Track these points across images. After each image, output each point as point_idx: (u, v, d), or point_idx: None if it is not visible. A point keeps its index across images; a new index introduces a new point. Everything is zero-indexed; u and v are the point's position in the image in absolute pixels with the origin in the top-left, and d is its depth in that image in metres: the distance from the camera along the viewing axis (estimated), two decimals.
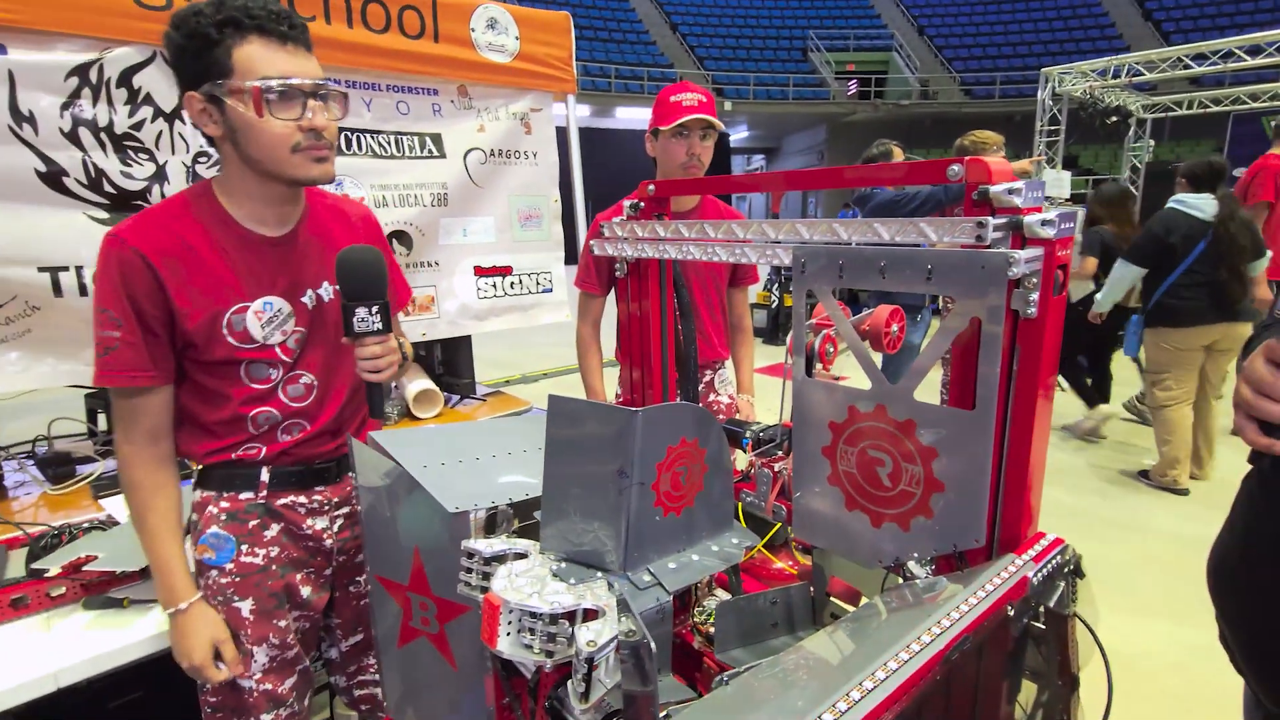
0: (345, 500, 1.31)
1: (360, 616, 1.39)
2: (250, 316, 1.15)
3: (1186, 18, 18.07)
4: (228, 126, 1.08)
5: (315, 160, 1.11)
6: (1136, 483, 4.00)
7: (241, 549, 1.21)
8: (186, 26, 1.03)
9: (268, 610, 1.22)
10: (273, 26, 1.05)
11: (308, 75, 1.08)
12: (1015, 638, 0.76)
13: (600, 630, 0.69)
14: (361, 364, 1.15)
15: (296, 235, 1.22)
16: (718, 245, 0.94)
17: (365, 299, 1.12)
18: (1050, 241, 0.67)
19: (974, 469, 0.72)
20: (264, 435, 1.22)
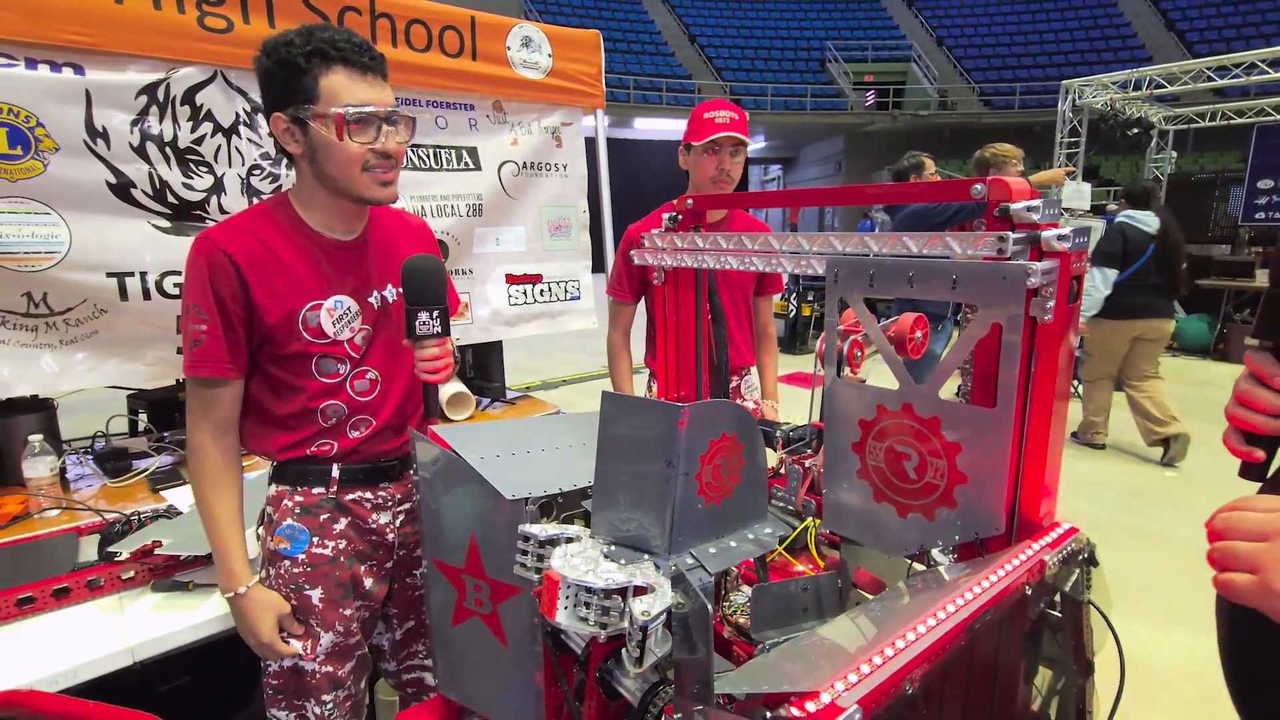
0: (407, 497, 1.39)
1: (414, 605, 1.46)
2: (324, 314, 1.24)
3: (1211, 28, 17.91)
4: (308, 146, 1.18)
5: (381, 184, 1.21)
6: (1156, 494, 4.00)
7: (314, 540, 1.29)
8: (278, 55, 1.13)
9: (335, 599, 1.30)
10: (356, 58, 1.15)
11: (384, 103, 1.17)
12: (1033, 620, 0.82)
13: (653, 602, 0.76)
14: (420, 365, 1.23)
15: (364, 241, 1.32)
16: (754, 256, 1.02)
17: (427, 304, 1.20)
18: (1065, 254, 0.74)
19: (995, 462, 0.79)
20: (334, 429, 1.29)
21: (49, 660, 1.22)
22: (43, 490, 1.77)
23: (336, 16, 2.06)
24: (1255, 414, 0.70)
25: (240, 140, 1.99)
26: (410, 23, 2.23)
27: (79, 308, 1.81)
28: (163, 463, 2.01)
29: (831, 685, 0.54)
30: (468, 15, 2.36)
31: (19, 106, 1.66)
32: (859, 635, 0.70)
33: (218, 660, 1.45)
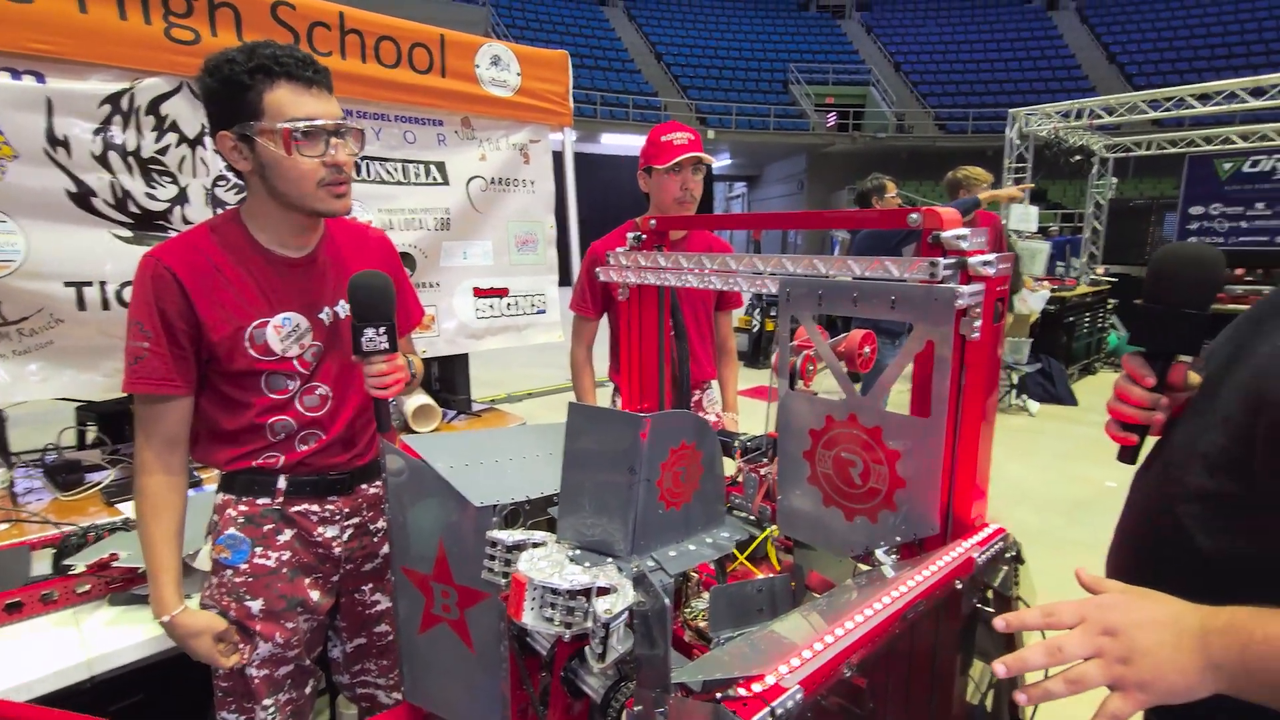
0: (356, 511, 1.39)
1: (363, 623, 1.46)
2: (270, 330, 1.25)
3: (1149, 62, 18.98)
4: (257, 162, 1.18)
5: (335, 196, 1.23)
6: (1099, 505, 4.20)
7: (256, 551, 1.29)
8: (221, 73, 1.13)
9: (275, 611, 1.30)
10: (299, 73, 1.16)
11: (330, 116, 1.19)
12: (966, 615, 0.89)
13: (615, 601, 0.81)
14: (369, 381, 1.24)
15: (316, 257, 1.32)
16: (713, 275, 1.08)
17: (373, 320, 1.21)
18: (990, 278, 0.82)
19: (930, 468, 0.86)
20: (282, 444, 1.30)
21: (1, 675, 1.20)
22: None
23: (305, 31, 2.08)
24: (1129, 406, 0.82)
25: (205, 151, 1.99)
26: (380, 39, 2.26)
27: (34, 317, 1.78)
28: (117, 476, 1.97)
29: (775, 669, 0.59)
30: (437, 33, 2.40)
31: None
32: (803, 628, 0.75)
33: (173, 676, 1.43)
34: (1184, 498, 0.77)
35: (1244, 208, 7.20)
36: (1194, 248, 0.80)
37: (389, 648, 1.48)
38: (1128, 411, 0.84)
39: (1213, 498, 0.75)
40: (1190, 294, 0.78)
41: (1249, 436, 0.72)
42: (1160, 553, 0.81)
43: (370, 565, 1.43)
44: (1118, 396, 0.85)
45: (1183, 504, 0.77)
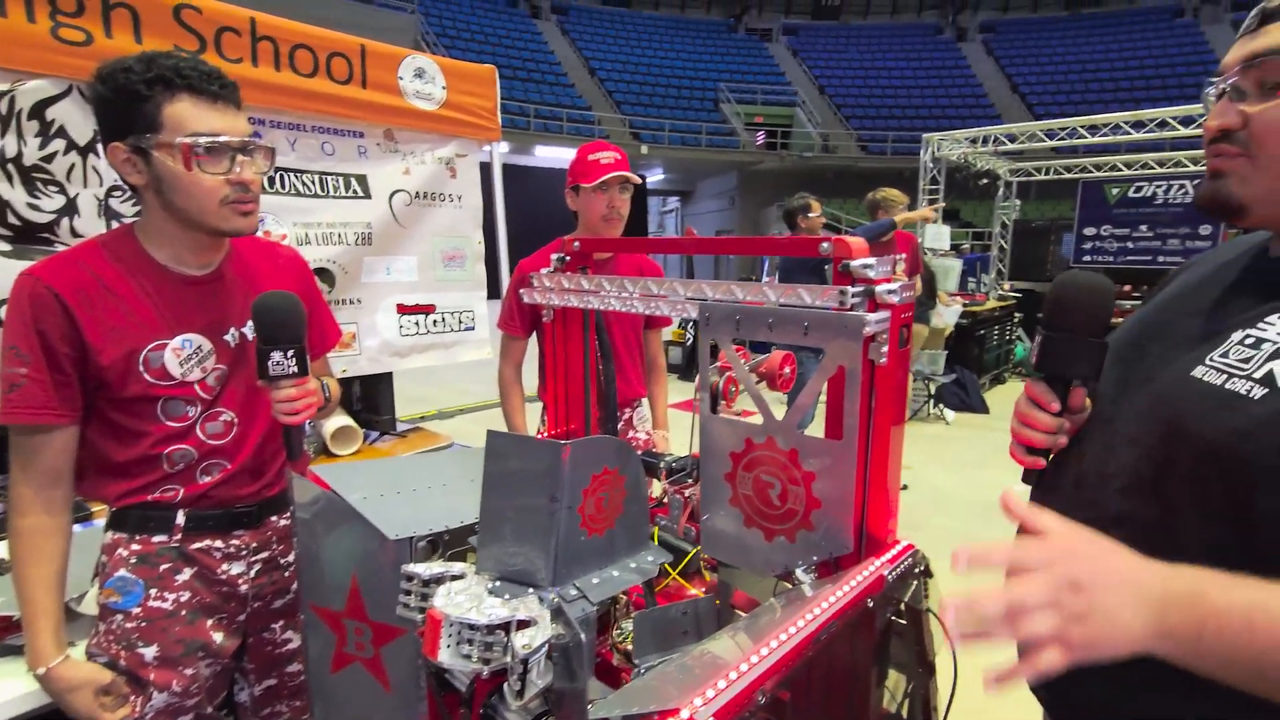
0: (264, 545, 1.32)
1: (273, 663, 1.38)
2: (169, 353, 1.17)
3: (1047, 93, 20.53)
4: (153, 177, 1.11)
5: (241, 214, 1.17)
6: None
7: (150, 593, 1.20)
8: (114, 82, 1.06)
9: (172, 658, 1.20)
10: (203, 86, 1.09)
11: (236, 133, 1.13)
12: (881, 630, 0.92)
13: (534, 635, 0.79)
14: (277, 407, 1.17)
15: (220, 274, 1.25)
16: (636, 299, 1.09)
17: (280, 343, 1.14)
18: (895, 306, 0.85)
19: (843, 488, 0.88)
20: (180, 475, 1.22)
21: None
22: None
23: (213, 37, 1.98)
24: (1035, 431, 0.85)
25: (99, 159, 1.85)
26: (295, 47, 2.17)
27: None
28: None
29: (690, 702, 0.59)
30: (358, 43, 2.33)
31: None
32: (723, 653, 0.76)
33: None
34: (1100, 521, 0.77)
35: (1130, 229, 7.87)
36: (1089, 277, 0.83)
37: (301, 688, 1.39)
38: (1034, 437, 0.85)
39: (1131, 521, 0.77)
40: (1088, 321, 0.81)
41: (1162, 461, 0.75)
42: None
43: (280, 602, 1.35)
44: (1021, 421, 0.87)
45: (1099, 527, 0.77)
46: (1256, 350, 0.71)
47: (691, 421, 1.29)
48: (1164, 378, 0.79)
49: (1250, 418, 0.67)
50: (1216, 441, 0.69)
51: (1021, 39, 23.20)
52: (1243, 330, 0.74)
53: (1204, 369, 0.75)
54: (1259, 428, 0.67)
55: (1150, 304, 0.95)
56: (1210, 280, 0.86)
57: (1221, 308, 0.81)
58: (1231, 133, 0.75)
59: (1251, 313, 0.76)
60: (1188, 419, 0.73)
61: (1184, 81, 19.07)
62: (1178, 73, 19.71)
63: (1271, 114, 0.72)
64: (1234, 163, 0.75)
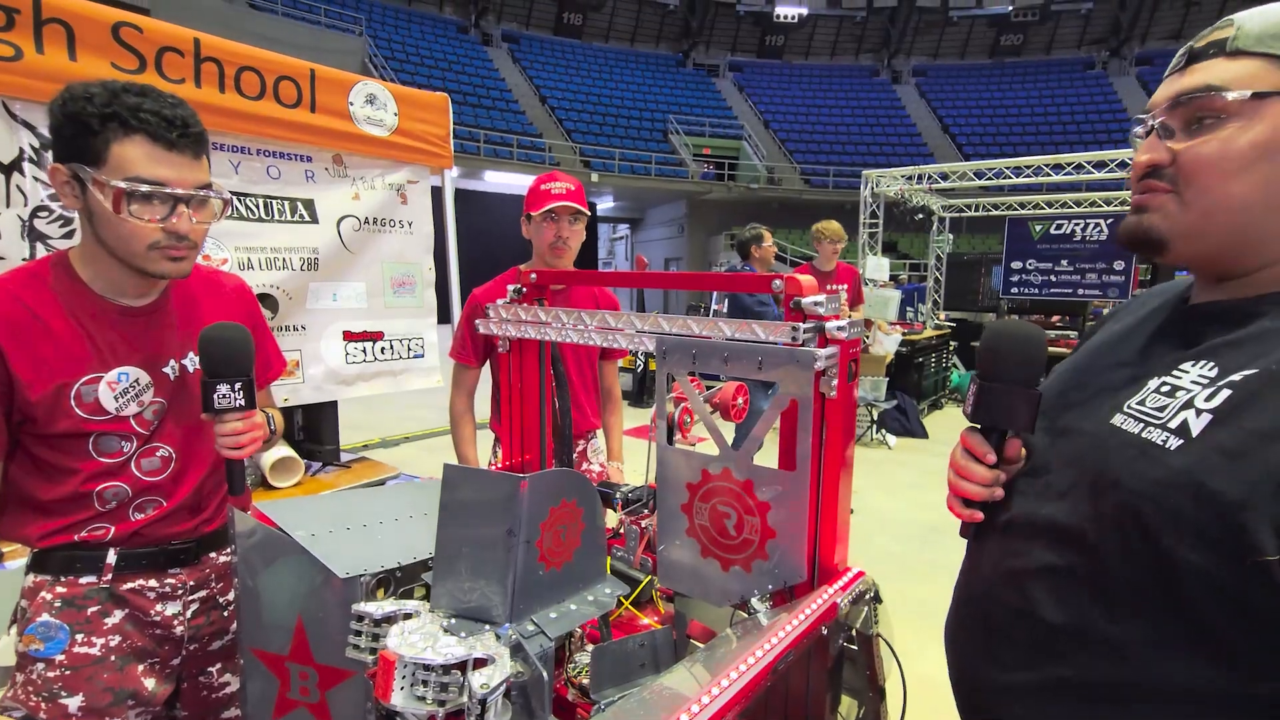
0: (202, 584, 1.26)
1: (206, 709, 1.30)
2: (103, 387, 1.12)
3: (975, 134, 21.82)
4: (86, 207, 1.08)
5: (169, 259, 1.12)
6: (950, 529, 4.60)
7: (76, 639, 1.12)
8: (70, 108, 1.03)
9: (99, 708, 1.13)
10: (161, 132, 1.05)
11: (183, 184, 1.08)
12: (834, 656, 0.94)
13: (492, 674, 0.78)
14: (221, 440, 1.13)
15: (160, 305, 1.21)
16: (593, 331, 1.10)
17: (227, 376, 1.11)
18: (844, 341, 0.89)
19: (797, 518, 0.91)
20: (112, 513, 1.16)
21: None
22: None
23: (154, 57, 1.92)
24: (970, 484, 0.85)
25: (24, 178, 1.76)
26: (241, 69, 2.13)
27: None
28: None
29: None
30: (307, 68, 2.30)
31: None
32: (687, 683, 0.76)
33: None
34: (1029, 571, 0.78)
35: (1053, 264, 8.37)
36: (1020, 325, 0.83)
37: None
38: (969, 489, 0.85)
39: (1059, 571, 0.76)
40: (1021, 371, 0.80)
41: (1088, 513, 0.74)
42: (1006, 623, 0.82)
43: (219, 644, 1.29)
44: (958, 474, 0.86)
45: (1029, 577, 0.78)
46: (1171, 398, 0.72)
47: (648, 451, 1.30)
48: (1088, 428, 0.80)
49: (1168, 469, 0.67)
50: (1139, 492, 0.69)
51: (950, 83, 24.67)
52: (1159, 378, 0.75)
53: (1122, 416, 0.75)
54: (1175, 478, 0.66)
55: (1078, 352, 0.96)
56: (1134, 329, 0.86)
57: (1143, 356, 0.81)
58: (1159, 169, 0.76)
59: (1168, 358, 0.77)
60: (1110, 470, 0.73)
61: (1095, 127, 20.61)
62: (1090, 119, 21.31)
63: (1198, 150, 0.73)
64: (1159, 198, 0.76)
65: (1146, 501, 0.68)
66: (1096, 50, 24.44)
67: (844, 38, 26.51)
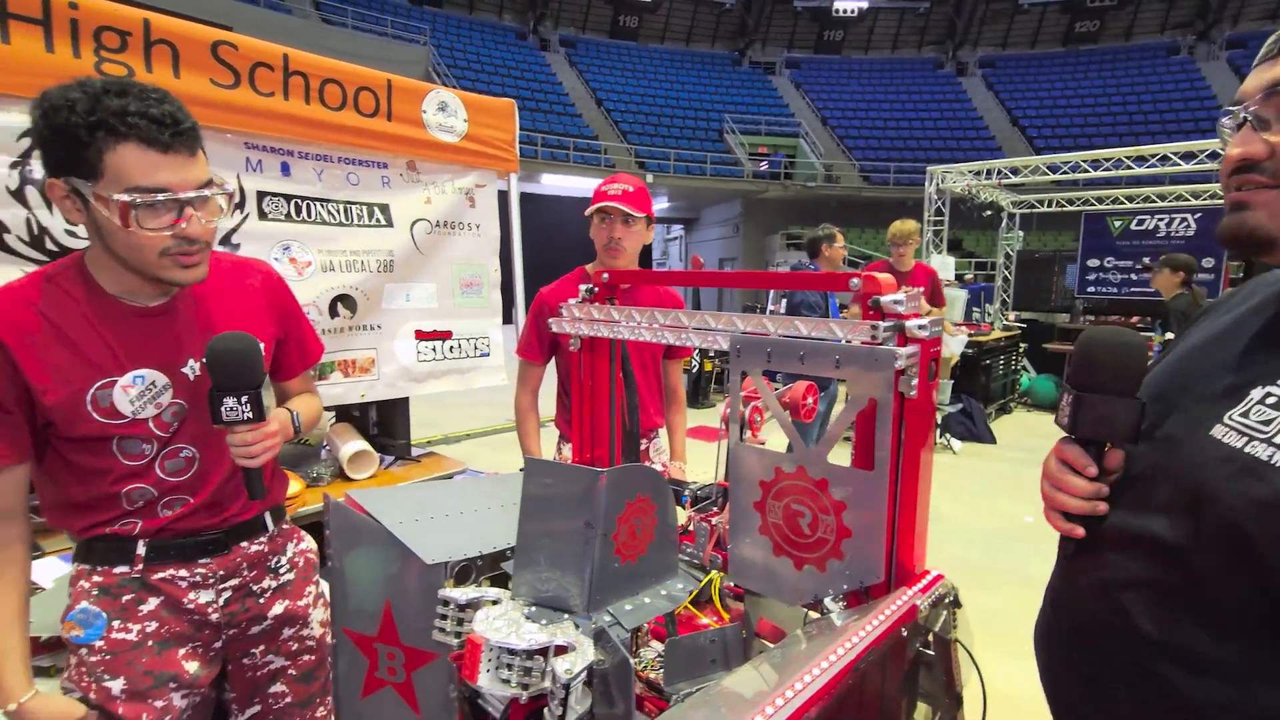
0: (234, 572, 1.27)
1: (255, 687, 1.32)
2: (118, 391, 1.12)
3: (1047, 126, 20.84)
4: (91, 221, 1.05)
5: (182, 266, 1.09)
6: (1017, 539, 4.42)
7: (113, 625, 1.15)
8: (56, 119, 0.98)
9: (141, 691, 1.16)
10: (153, 135, 1.00)
11: (187, 186, 1.04)
12: (910, 660, 0.93)
13: (575, 660, 0.80)
14: (234, 450, 1.15)
15: (177, 303, 1.19)
16: (665, 330, 1.12)
17: (234, 389, 1.10)
18: (924, 340, 0.88)
19: (875, 518, 0.90)
20: (140, 511, 1.17)
21: None
22: None
23: (248, 72, 2.05)
24: (1070, 498, 0.81)
25: None
26: (325, 82, 2.25)
27: None
28: None
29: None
30: (384, 78, 2.41)
31: None
32: (761, 681, 0.77)
33: None
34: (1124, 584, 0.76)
35: (1133, 261, 7.94)
36: (1118, 332, 0.79)
37: (286, 711, 1.34)
38: (1071, 504, 0.81)
39: (1157, 586, 0.75)
40: (1120, 379, 0.77)
41: (1188, 528, 0.72)
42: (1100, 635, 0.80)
43: (257, 628, 1.30)
44: (1056, 487, 0.83)
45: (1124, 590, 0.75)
46: (1278, 411, 0.68)
47: (718, 449, 1.31)
48: (1187, 438, 0.76)
49: (1274, 489, 0.64)
50: (1241, 511, 0.66)
51: (1020, 74, 23.64)
52: (1263, 387, 0.71)
53: (1223, 429, 0.71)
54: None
55: (1173, 354, 0.92)
56: (1234, 329, 0.82)
57: (1244, 360, 0.77)
58: (1256, 163, 0.71)
59: (1274, 365, 0.72)
60: (1209, 486, 0.70)
61: (1180, 117, 19.38)
62: (1174, 108, 20.04)
63: None
64: (1262, 195, 0.71)
65: (1250, 522, 0.65)
66: (1182, 34, 22.97)
67: (906, 30, 25.76)
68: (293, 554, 1.36)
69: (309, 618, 1.36)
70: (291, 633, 1.34)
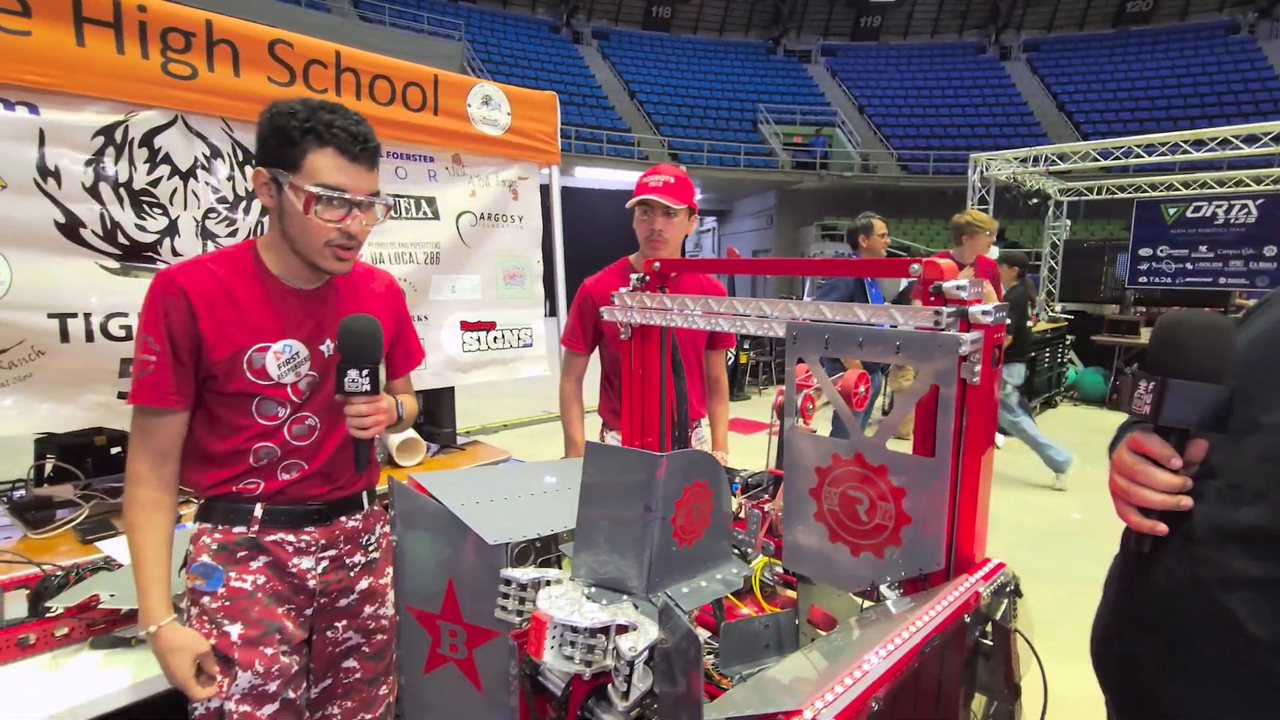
0: (332, 543, 1.38)
1: (331, 662, 1.43)
2: (270, 356, 1.29)
3: (1095, 111, 20.09)
4: (279, 205, 1.25)
5: (337, 258, 1.28)
6: (1065, 537, 4.32)
7: (230, 575, 1.29)
8: (277, 123, 1.20)
9: (254, 638, 1.28)
10: (347, 146, 1.22)
11: (360, 191, 1.25)
12: (969, 647, 0.92)
13: (638, 638, 0.82)
14: (350, 420, 1.28)
15: (325, 290, 1.37)
16: (720, 317, 1.12)
17: (357, 363, 1.25)
18: (988, 326, 0.87)
19: (936, 505, 0.90)
20: (263, 470, 1.31)
21: None
22: None
23: (302, 69, 2.11)
24: (1152, 492, 0.76)
25: (197, 184, 1.98)
26: (375, 78, 2.30)
27: (14, 349, 1.73)
28: (92, 512, 1.91)
29: (812, 704, 0.61)
30: (431, 73, 2.45)
31: None
32: (824, 662, 0.78)
33: None
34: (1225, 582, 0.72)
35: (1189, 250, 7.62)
36: (1204, 315, 0.76)
37: (354, 686, 1.45)
38: (1153, 498, 0.76)
39: (1257, 582, 0.72)
40: (1207, 365, 0.73)
41: None
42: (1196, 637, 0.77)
43: (345, 601, 1.42)
44: (1134, 480, 0.78)
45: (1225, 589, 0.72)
46: None
47: (768, 437, 1.32)
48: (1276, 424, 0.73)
49: None
50: None
51: (1068, 57, 22.80)
52: None
53: None
54: None
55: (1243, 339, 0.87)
56: None
57: None
58: None
59: None
60: None
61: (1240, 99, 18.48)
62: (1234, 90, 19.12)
63: None
64: None
65: None
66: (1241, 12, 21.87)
67: (946, 14, 25.06)
68: (379, 534, 1.48)
69: (386, 597, 1.47)
70: (371, 610, 1.44)
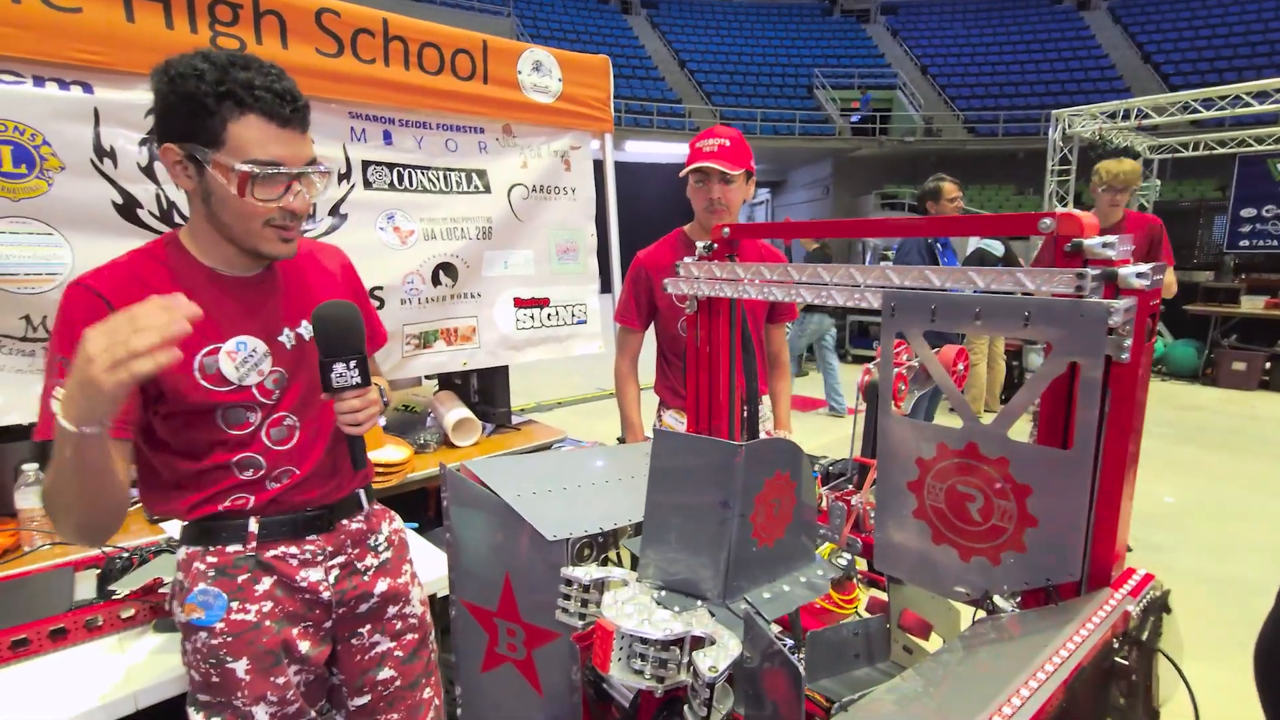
0: (339, 549, 1.26)
1: (363, 671, 1.30)
2: (223, 357, 1.12)
3: (1186, 60, 18.47)
4: (202, 188, 1.06)
5: (281, 240, 1.12)
6: (1159, 521, 4.01)
7: (232, 606, 1.14)
8: (183, 87, 0.99)
9: (265, 668, 1.15)
10: (276, 109, 1.02)
11: (297, 161, 1.06)
12: (1105, 671, 0.79)
13: (719, 656, 0.72)
14: (341, 419, 1.15)
15: (269, 275, 1.20)
16: (802, 287, 0.99)
17: (342, 354, 1.12)
18: (1143, 292, 0.72)
19: (1071, 505, 0.76)
20: (251, 483, 1.17)
21: (47, 707, 1.15)
22: (35, 522, 1.69)
23: (350, 39, 2.04)
24: None
25: None
26: (423, 46, 2.22)
27: None
28: None
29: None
30: (480, 39, 2.36)
31: (25, 124, 1.61)
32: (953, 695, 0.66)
33: None
34: None
35: None
36: None
37: (396, 695, 1.32)
38: None
39: None
40: None
41: None
42: None
43: (365, 606, 1.29)
44: None
45: None
46: None
47: (852, 423, 1.18)
48: None
49: None
50: None
51: (1155, 4, 21.00)
52: None
53: None
54: None
55: None
56: None
57: None
58: None
59: None
60: None
61: None
62: None
63: None
64: None
65: None
66: None
67: None
68: (388, 533, 1.35)
69: (409, 595, 1.35)
70: (395, 611, 1.32)
